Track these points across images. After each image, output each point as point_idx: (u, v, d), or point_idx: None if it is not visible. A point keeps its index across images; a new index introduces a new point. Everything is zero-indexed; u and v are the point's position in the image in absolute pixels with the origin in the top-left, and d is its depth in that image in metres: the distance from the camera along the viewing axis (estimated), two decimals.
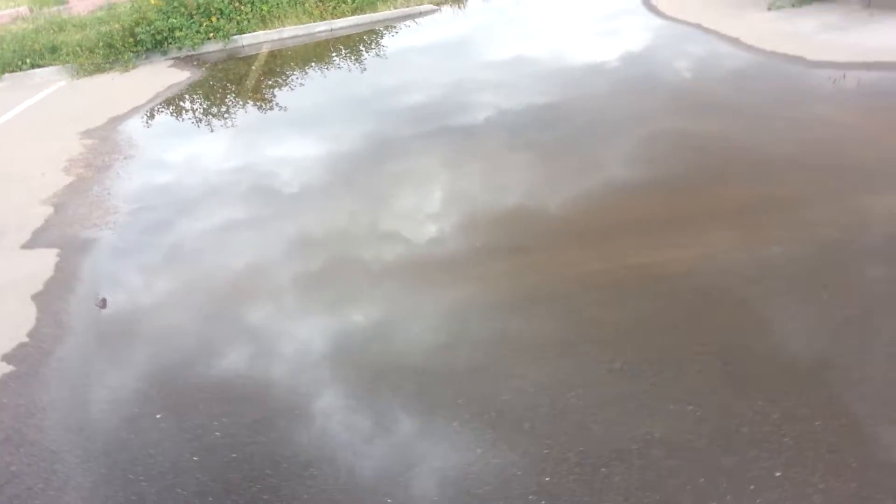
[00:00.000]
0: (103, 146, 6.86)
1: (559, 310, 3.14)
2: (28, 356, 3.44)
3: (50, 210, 5.35)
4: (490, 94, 6.39)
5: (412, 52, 9.02)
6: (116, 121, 7.79)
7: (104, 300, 3.82)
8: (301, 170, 5.43)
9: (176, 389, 3.03)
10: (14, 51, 11.29)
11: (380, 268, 3.71)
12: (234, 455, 2.58)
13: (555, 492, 2.21)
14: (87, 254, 4.52)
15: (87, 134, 7.34)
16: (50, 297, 4.00)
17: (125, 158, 6.39)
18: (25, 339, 3.59)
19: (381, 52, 9.22)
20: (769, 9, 7.16)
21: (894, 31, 5.83)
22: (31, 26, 12.85)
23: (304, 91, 7.98)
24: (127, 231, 4.81)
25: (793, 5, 7.10)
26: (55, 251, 4.61)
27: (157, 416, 2.87)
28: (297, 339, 3.28)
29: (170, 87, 9.05)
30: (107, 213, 5.14)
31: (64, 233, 4.89)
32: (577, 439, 2.39)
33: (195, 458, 2.60)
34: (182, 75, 9.72)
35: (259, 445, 2.61)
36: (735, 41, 6.47)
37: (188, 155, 6.36)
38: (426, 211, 4.30)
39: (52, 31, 12.20)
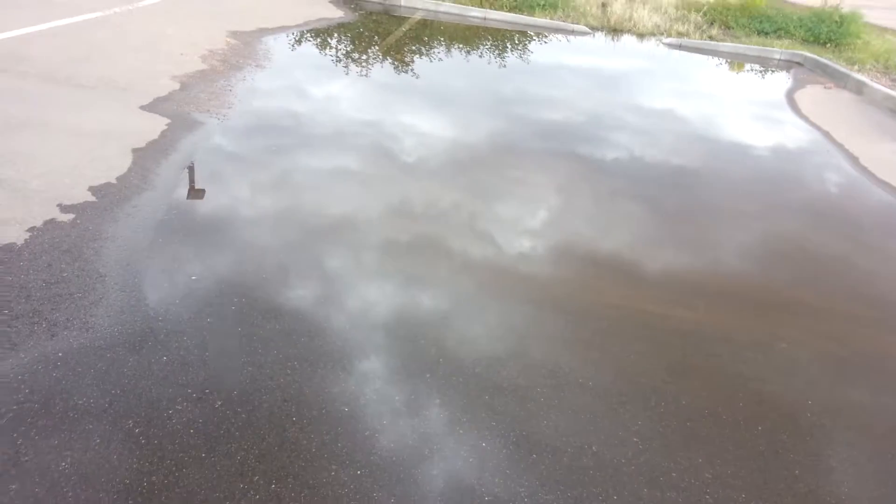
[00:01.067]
0: (243, 49, 7.38)
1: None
2: (110, 195, 3.85)
3: (176, 86, 5.84)
4: (625, 135, 6.27)
5: (557, 67, 9.12)
6: (263, 32, 8.33)
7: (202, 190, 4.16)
8: (415, 139, 5.53)
9: (221, 265, 3.36)
10: None
11: (461, 259, 3.74)
12: (237, 302, 2.88)
13: None
14: (191, 132, 4.95)
15: (233, 34, 7.89)
16: (146, 156, 4.43)
17: (256, 66, 6.87)
18: (113, 181, 4.02)
19: (525, 56, 9.43)
20: None
21: None
22: None
23: (442, 66, 8.26)
24: (232, 127, 5.21)
25: None
26: (166, 120, 5.06)
27: (193, 278, 3.22)
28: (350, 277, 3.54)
29: (320, 20, 9.57)
30: (222, 106, 5.58)
31: (180, 108, 5.35)
32: None
33: (209, 316, 2.91)
34: (336, 13, 10.24)
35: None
36: (854, 159, 6.36)
37: (313, 85, 6.75)
38: (524, 225, 4.29)
39: None
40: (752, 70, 10.39)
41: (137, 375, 2.57)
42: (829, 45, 12.08)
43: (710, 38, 12.11)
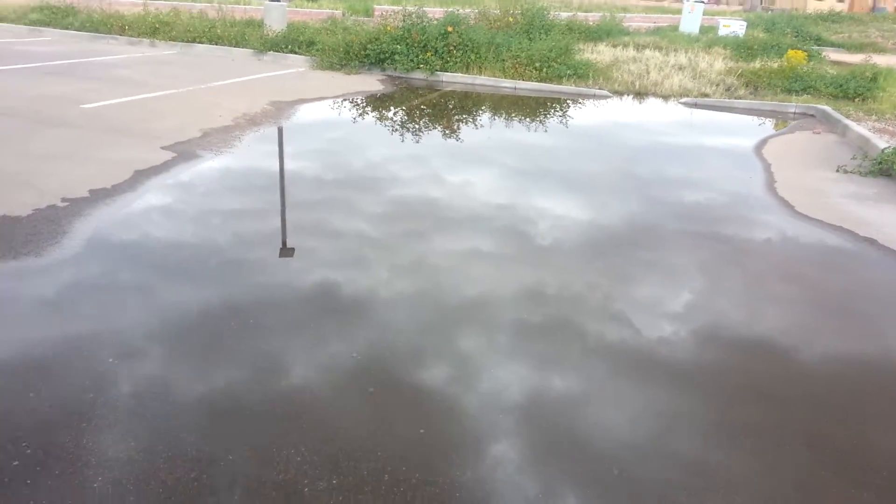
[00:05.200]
0: (273, 112, 9.25)
1: None
2: (102, 194, 5.55)
3: (198, 135, 7.69)
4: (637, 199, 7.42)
5: (570, 126, 10.26)
6: (301, 101, 10.22)
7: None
8: (428, 201, 5.99)
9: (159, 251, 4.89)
10: (285, 37, 14.66)
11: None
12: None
13: None
14: (186, 161, 6.68)
15: (272, 103, 9.82)
16: (142, 173, 6.16)
17: (274, 123, 8.67)
18: (108, 187, 5.73)
19: (547, 118, 10.69)
20: (836, 170, 7.53)
21: None
22: (324, 26, 16.05)
23: (469, 128, 9.72)
24: (222, 160, 6.89)
25: (861, 174, 7.41)
26: (173, 154, 6.84)
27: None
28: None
29: (358, 92, 11.42)
30: (223, 146, 7.32)
31: (189, 148, 7.14)
32: None
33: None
34: (377, 87, 12.10)
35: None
36: (771, 182, 6.98)
37: (325, 138, 8.39)
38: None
39: (328, 33, 15.12)
40: (754, 122, 11.03)
41: None
42: (856, 99, 12.42)
43: (738, 97, 12.82)
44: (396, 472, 2.72)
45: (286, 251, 4.77)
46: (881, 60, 16.78)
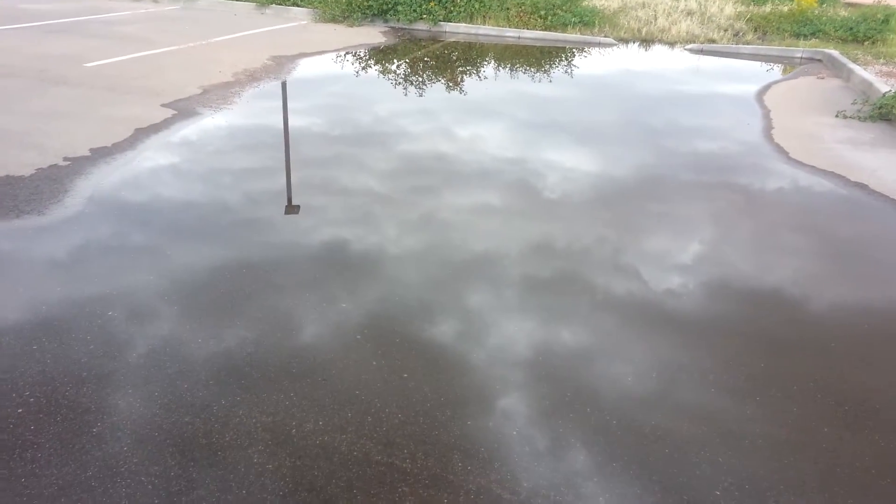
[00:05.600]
0: (273, 67, 9.27)
1: None
2: (103, 151, 5.68)
3: (198, 91, 7.76)
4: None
5: (581, 76, 10.23)
6: (301, 55, 10.22)
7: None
8: (407, 153, 6.41)
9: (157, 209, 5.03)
10: None
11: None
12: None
13: None
14: (186, 119, 6.77)
15: (273, 58, 9.83)
16: (142, 130, 6.27)
17: (274, 78, 8.71)
18: (108, 146, 5.86)
19: (552, 69, 10.64)
20: (836, 115, 7.49)
21: None
22: None
23: (473, 80, 9.72)
24: (221, 117, 6.98)
25: (860, 119, 7.37)
26: (174, 112, 6.93)
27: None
28: None
29: (360, 45, 11.38)
30: (223, 103, 7.40)
31: (189, 105, 7.22)
32: None
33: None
34: (379, 39, 12.03)
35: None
36: (768, 128, 6.98)
37: (325, 92, 8.45)
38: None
39: None
40: (759, 68, 10.89)
41: None
42: (866, 42, 12.20)
43: (746, 42, 12.63)
44: (403, 425, 2.87)
45: (291, 208, 4.89)
46: None
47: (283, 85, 8.43)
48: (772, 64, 11.25)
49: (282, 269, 4.03)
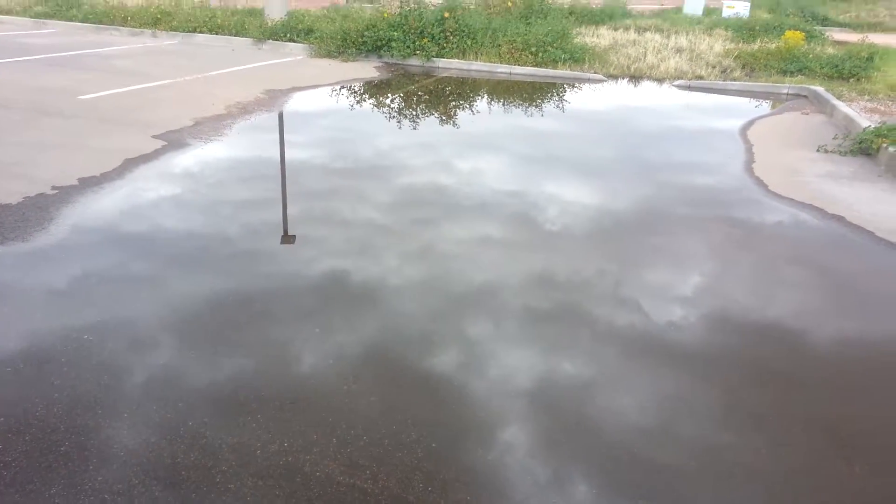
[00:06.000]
0: (266, 101, 9.42)
1: None
2: (91, 182, 5.77)
3: (190, 123, 7.89)
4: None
5: (570, 111, 10.37)
6: (294, 89, 10.38)
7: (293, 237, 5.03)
8: (393, 184, 6.61)
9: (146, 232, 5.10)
10: (285, 25, 14.81)
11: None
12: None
13: None
14: (175, 150, 6.88)
15: (266, 92, 10.00)
16: (130, 161, 6.37)
17: (266, 111, 8.85)
18: (97, 175, 5.94)
19: (539, 101, 10.81)
20: (817, 150, 7.61)
21: None
22: (324, 13, 16.11)
23: (463, 113, 9.88)
24: (210, 148, 7.09)
25: (841, 153, 7.49)
26: (164, 143, 7.04)
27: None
28: None
29: (354, 80, 11.57)
30: (213, 134, 7.52)
31: (180, 136, 7.33)
32: None
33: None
34: (372, 74, 12.24)
35: None
36: (749, 161, 7.08)
37: (315, 125, 8.58)
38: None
39: (327, 21, 15.15)
40: (745, 104, 11.07)
41: None
42: (851, 79, 12.41)
43: (734, 79, 12.85)
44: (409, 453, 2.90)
45: (287, 238, 4.95)
46: (883, 40, 16.70)
47: (280, 116, 8.58)
48: (758, 100, 11.43)
49: (269, 297, 4.08)
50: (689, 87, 12.22)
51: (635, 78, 13.04)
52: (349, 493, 2.59)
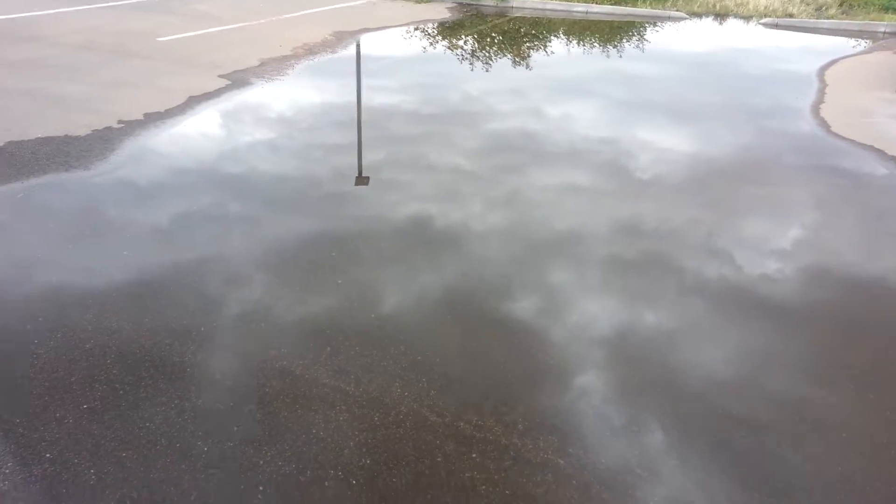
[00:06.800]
0: (333, 42, 9.56)
1: None
2: (154, 116, 6.09)
3: (255, 63, 8.13)
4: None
5: (649, 51, 10.07)
6: (364, 30, 10.47)
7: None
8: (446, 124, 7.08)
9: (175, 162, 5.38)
10: None
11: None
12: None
13: None
14: (238, 88, 7.13)
15: (335, 33, 10.12)
16: (194, 98, 6.67)
17: (331, 52, 8.99)
18: (162, 111, 6.26)
19: (620, 44, 10.51)
20: None
21: None
22: None
23: (539, 55, 9.75)
24: (272, 86, 7.30)
25: None
26: (227, 82, 7.31)
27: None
28: None
29: (424, 20, 11.52)
30: (276, 74, 7.72)
31: (244, 76, 7.58)
32: None
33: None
34: (444, 15, 12.14)
35: None
36: (818, 101, 6.66)
37: (379, 65, 8.67)
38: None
39: None
40: (832, 43, 10.33)
41: None
42: None
43: (829, 17, 11.99)
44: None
45: (361, 179, 5.05)
46: None
47: (335, 59, 8.70)
48: (849, 38, 10.64)
49: (329, 238, 4.26)
50: (776, 26, 11.51)
51: (720, 16, 12.38)
52: (432, 429, 2.66)
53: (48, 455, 2.42)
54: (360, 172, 5.16)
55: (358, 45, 8.84)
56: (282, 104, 6.70)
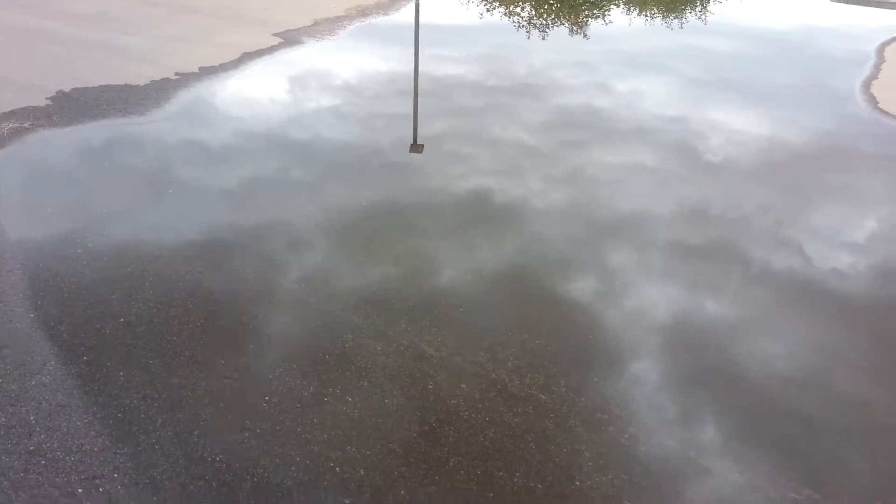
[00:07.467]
0: (386, 3, 9.72)
1: None
2: (209, 69, 6.42)
3: (308, 23, 8.39)
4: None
5: (712, 23, 9.96)
6: None
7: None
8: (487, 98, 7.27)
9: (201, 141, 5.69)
10: None
11: None
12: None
13: None
14: (290, 47, 7.41)
15: None
16: (247, 55, 6.96)
17: (383, 14, 9.17)
18: (216, 65, 6.58)
19: (682, 17, 10.41)
20: None
21: None
22: None
23: (596, 23, 9.77)
24: (322, 45, 7.55)
25: None
26: (280, 40, 7.59)
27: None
28: None
29: None
30: (327, 34, 7.97)
31: (297, 35, 7.85)
32: None
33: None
34: None
35: None
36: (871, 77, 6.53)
37: (432, 27, 8.80)
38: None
39: None
40: None
41: None
42: None
43: None
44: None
45: (416, 147, 5.32)
46: None
47: (386, 22, 8.88)
48: None
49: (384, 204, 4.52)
50: (845, 0, 11.14)
51: None
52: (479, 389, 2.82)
53: (85, 358, 2.75)
54: (414, 140, 5.16)
55: (417, 6, 8.94)
56: (331, 64, 6.95)
